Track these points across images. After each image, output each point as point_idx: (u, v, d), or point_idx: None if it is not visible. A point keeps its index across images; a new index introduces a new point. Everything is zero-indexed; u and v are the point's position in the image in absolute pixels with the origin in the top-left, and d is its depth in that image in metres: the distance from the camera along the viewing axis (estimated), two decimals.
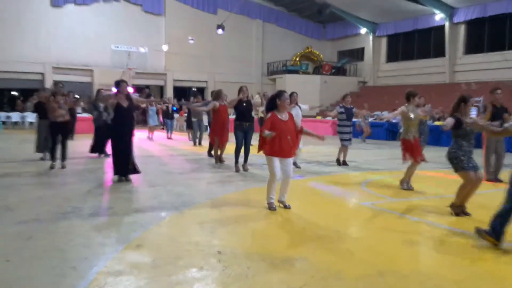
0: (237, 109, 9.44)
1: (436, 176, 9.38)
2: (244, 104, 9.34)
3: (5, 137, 16.95)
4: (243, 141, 9.25)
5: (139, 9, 27.12)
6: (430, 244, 4.86)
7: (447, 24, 24.92)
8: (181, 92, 30.36)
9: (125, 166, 7.70)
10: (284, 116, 5.91)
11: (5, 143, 14.36)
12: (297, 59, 31.16)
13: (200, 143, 14.78)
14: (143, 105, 15.22)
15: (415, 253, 4.52)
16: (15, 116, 22.33)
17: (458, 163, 5.67)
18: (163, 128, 19.60)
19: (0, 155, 11.46)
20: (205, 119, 15.28)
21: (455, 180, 5.88)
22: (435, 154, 12.20)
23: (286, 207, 6.01)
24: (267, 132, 5.68)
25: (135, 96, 8.22)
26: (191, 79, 29.23)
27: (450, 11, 24.64)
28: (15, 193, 6.72)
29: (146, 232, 4.86)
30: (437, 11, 24.78)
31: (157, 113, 17.85)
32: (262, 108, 13.60)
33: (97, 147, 11.22)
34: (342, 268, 3.92)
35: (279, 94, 5.99)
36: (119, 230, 4.95)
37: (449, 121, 5.70)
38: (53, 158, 9.19)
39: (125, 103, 7.61)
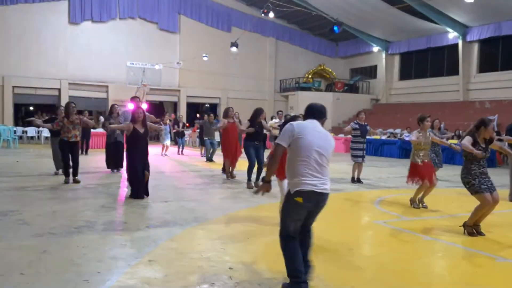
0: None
1: (450, 194, 9.29)
2: (257, 126, 9.40)
3: (21, 151, 17.20)
4: (255, 159, 9.29)
5: (154, 27, 27.55)
6: (443, 264, 4.81)
7: (460, 42, 24.89)
8: (194, 108, 30.60)
9: (142, 190, 7.76)
10: None
11: (21, 158, 14.58)
12: (310, 76, 31.29)
13: (212, 160, 14.84)
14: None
15: (428, 272, 4.47)
16: (31, 131, 22.66)
17: (470, 187, 5.66)
18: (175, 144, 19.73)
19: (16, 169, 11.62)
20: (217, 136, 15.41)
21: (468, 198, 5.83)
22: (449, 173, 12.11)
23: None
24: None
25: (149, 122, 8.30)
26: (204, 96, 29.48)
27: (463, 29, 24.63)
28: (31, 207, 6.81)
29: (158, 247, 4.88)
30: (450, 30, 24.78)
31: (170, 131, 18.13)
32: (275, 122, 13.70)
33: (109, 163, 11.40)
34: (354, 285, 3.90)
35: (293, 119, 6.11)
36: (131, 245, 4.99)
37: (467, 139, 5.66)
38: (66, 174, 9.29)
39: (141, 129, 7.72)
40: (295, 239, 3.72)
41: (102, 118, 21.31)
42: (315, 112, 3.92)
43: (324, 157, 3.67)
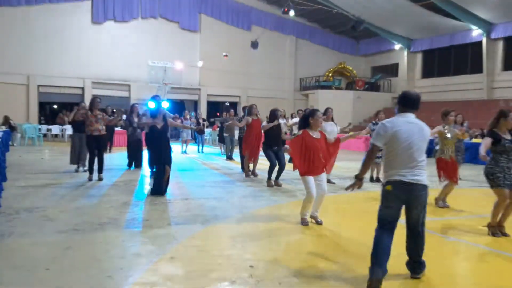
0: (266, 133, 9.53)
1: (474, 194, 9.13)
2: (274, 127, 9.40)
3: (46, 149, 17.55)
4: (276, 160, 9.30)
5: (175, 26, 27.75)
6: (467, 265, 4.74)
7: (484, 40, 24.41)
8: (214, 107, 30.74)
9: (161, 186, 7.84)
10: (316, 134, 5.98)
11: (45, 155, 14.87)
12: (330, 74, 31.09)
13: (231, 157, 14.89)
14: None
15: (451, 273, 4.42)
16: (55, 128, 23.11)
17: (493, 179, 5.52)
18: (195, 142, 19.82)
19: (41, 166, 11.87)
20: (236, 134, 15.43)
21: (493, 199, 5.72)
22: (472, 172, 11.91)
23: (318, 222, 6.01)
24: (287, 146, 5.97)
25: (170, 118, 8.41)
26: (224, 94, 29.57)
27: (487, 27, 24.15)
28: (55, 203, 6.96)
29: (180, 244, 4.94)
30: (474, 27, 24.32)
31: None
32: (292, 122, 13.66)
33: (130, 161, 11.59)
34: None
35: (312, 112, 6.06)
36: (153, 242, 5.05)
37: (484, 144, 5.56)
38: (90, 170, 9.46)
39: (159, 125, 7.83)
40: (385, 228, 3.97)
41: (124, 116, 21.56)
42: (409, 103, 3.99)
43: (416, 149, 3.84)
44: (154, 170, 8.02)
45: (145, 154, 9.90)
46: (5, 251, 4.50)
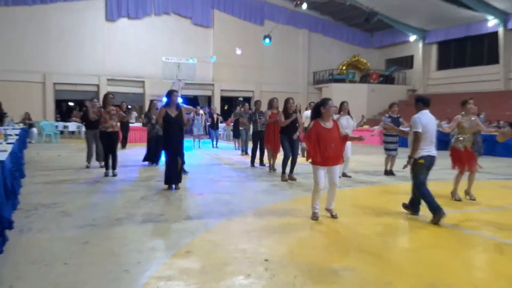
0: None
1: (492, 187, 9.02)
2: (289, 116, 9.35)
3: (63, 146, 17.77)
4: (290, 152, 9.27)
5: (188, 22, 27.82)
6: (484, 258, 4.69)
7: (501, 30, 23.99)
8: (228, 102, 30.79)
9: (175, 174, 7.91)
10: (328, 124, 5.87)
11: (62, 152, 15.06)
12: (344, 67, 30.88)
13: (246, 152, 14.90)
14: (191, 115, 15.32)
15: (468, 266, 4.37)
16: (71, 125, 23.35)
17: None
18: (209, 138, 19.83)
19: (58, 163, 12.02)
20: (251, 128, 15.41)
21: (510, 191, 5.65)
22: (491, 165, 11.76)
23: (333, 216, 5.98)
24: (304, 145, 5.85)
25: (184, 105, 8.44)
26: (237, 89, 29.59)
27: (504, 17, 23.72)
28: (73, 199, 7.05)
29: (195, 238, 4.97)
30: (490, 17, 23.92)
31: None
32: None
33: (149, 157, 11.66)
34: (391, 280, 3.85)
35: (324, 102, 5.92)
36: (169, 236, 5.10)
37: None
38: (106, 166, 9.56)
39: (173, 113, 7.88)
40: (424, 184, 5.93)
41: (135, 114, 21.77)
42: (427, 103, 6.10)
43: (433, 134, 5.97)
44: (165, 160, 8.04)
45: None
46: (24, 246, 4.58)
